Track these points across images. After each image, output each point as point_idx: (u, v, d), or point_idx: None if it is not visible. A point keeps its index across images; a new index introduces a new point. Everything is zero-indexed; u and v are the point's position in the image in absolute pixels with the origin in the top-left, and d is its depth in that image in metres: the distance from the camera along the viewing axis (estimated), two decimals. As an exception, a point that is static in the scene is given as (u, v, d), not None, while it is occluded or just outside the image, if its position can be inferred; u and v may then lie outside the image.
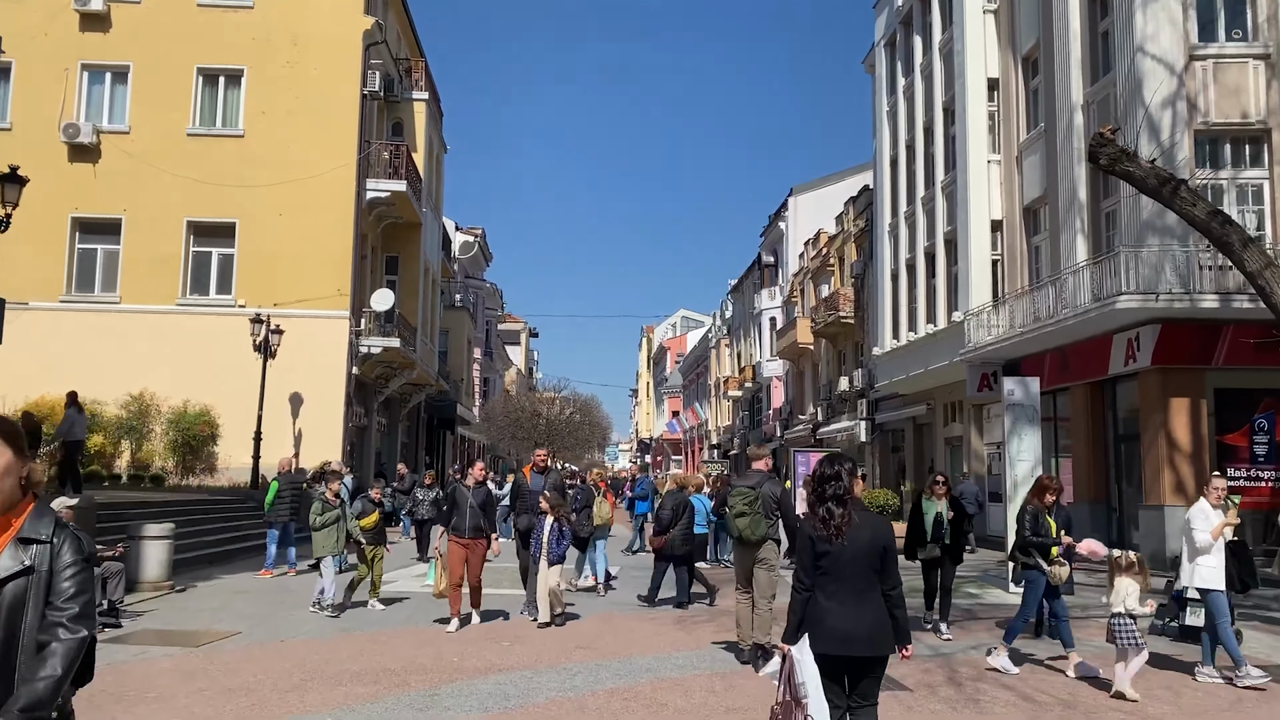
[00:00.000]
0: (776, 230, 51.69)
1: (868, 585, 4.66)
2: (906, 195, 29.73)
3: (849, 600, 4.63)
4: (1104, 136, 14.59)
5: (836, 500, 4.75)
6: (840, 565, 4.65)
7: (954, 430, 27.68)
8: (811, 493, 4.95)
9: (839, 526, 4.68)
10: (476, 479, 10.66)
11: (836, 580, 4.66)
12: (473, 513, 10.59)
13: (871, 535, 4.72)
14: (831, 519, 4.71)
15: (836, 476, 4.81)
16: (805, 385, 45.77)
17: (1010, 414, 14.64)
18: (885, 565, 4.71)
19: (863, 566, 4.66)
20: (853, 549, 4.66)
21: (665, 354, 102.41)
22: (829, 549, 4.67)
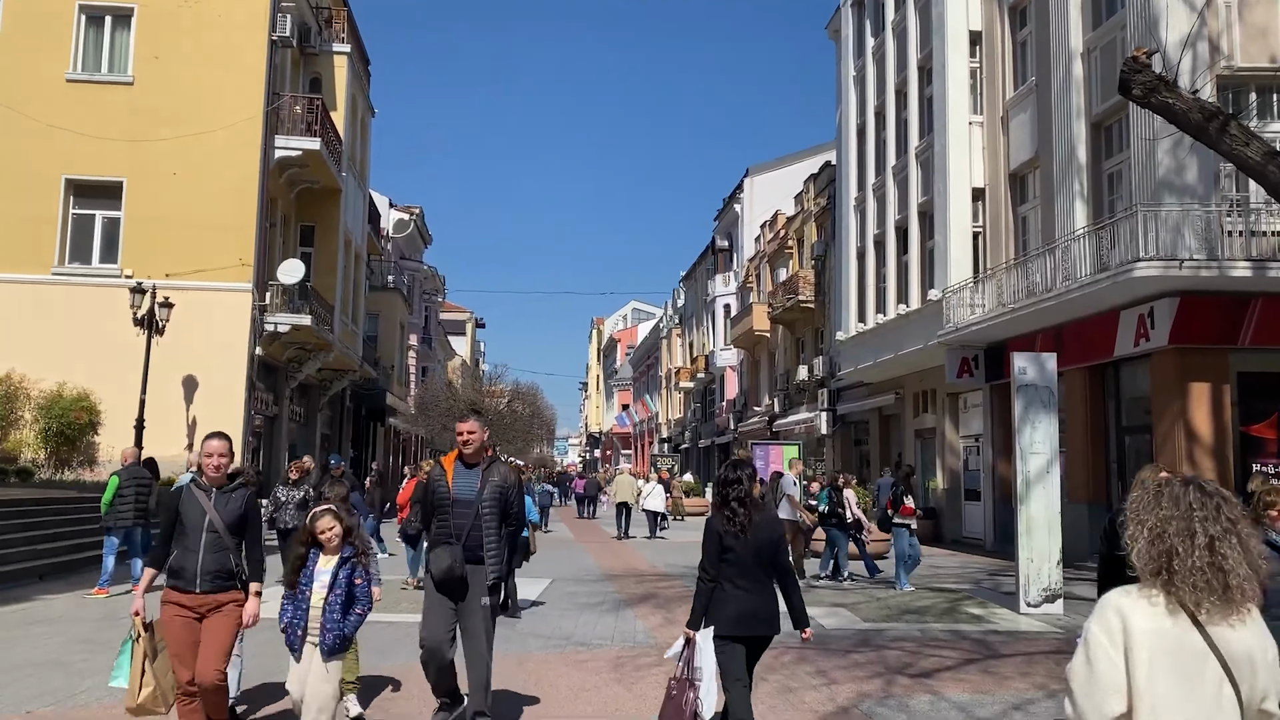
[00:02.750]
0: (731, 213, 49.18)
1: (766, 575, 5.24)
2: (875, 166, 27.30)
3: (751, 588, 5.18)
4: (1138, 61, 12.09)
5: (740, 501, 5.25)
6: (743, 557, 5.17)
7: (926, 421, 25.34)
8: (718, 493, 5.43)
9: (743, 523, 5.19)
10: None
11: (740, 571, 5.18)
12: (212, 542, 5.46)
13: (769, 531, 5.32)
14: (736, 517, 5.22)
15: (739, 480, 5.31)
16: (761, 375, 43.35)
17: (1022, 397, 12.14)
18: (778, 557, 5.31)
19: (762, 558, 5.22)
20: (754, 543, 5.20)
21: (616, 346, 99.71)
22: (733, 543, 5.18)
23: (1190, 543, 2.39)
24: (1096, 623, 2.43)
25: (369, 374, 33.37)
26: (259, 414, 24.74)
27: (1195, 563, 2.36)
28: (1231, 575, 2.36)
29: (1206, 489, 2.50)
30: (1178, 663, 2.33)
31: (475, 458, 6.15)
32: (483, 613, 6.02)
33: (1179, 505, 2.47)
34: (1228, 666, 2.34)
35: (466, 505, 6.01)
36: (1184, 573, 2.37)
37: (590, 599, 12.87)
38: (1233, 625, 2.36)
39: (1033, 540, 11.94)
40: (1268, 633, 2.41)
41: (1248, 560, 2.39)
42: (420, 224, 47.87)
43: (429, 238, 50.63)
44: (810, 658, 8.90)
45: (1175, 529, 2.43)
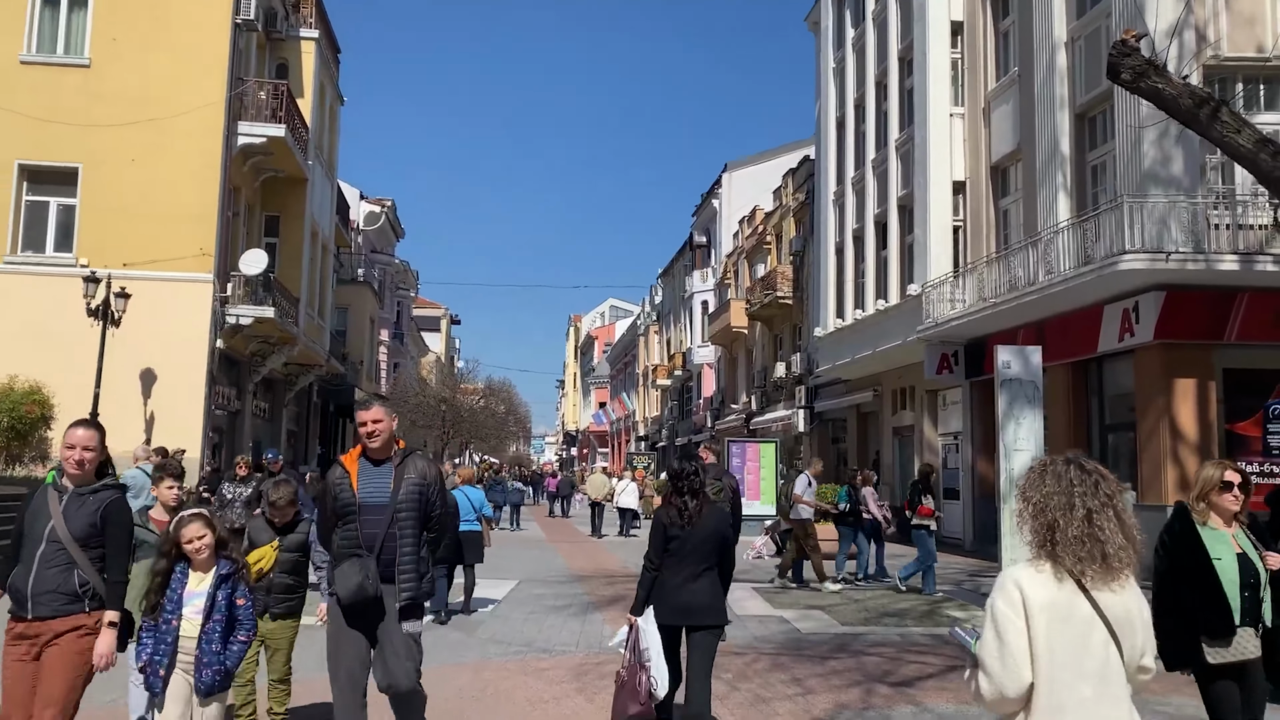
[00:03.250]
0: (709, 209, 48.70)
1: (708, 566, 5.41)
2: (855, 159, 26.86)
3: (692, 578, 5.35)
4: (1127, 45, 11.66)
5: (690, 493, 5.47)
6: (687, 549, 5.37)
7: (904, 419, 24.95)
8: (669, 486, 5.63)
9: (691, 516, 5.39)
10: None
11: (682, 561, 5.37)
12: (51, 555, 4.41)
13: (715, 524, 5.47)
14: (686, 509, 5.42)
15: (692, 473, 5.53)
16: (738, 372, 42.91)
17: (1006, 392, 11.69)
18: (725, 550, 5.57)
19: (706, 550, 5.41)
20: (699, 535, 5.40)
21: (593, 343, 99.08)
22: (679, 534, 5.39)
23: (1070, 515, 2.62)
24: (1001, 598, 2.62)
25: (336, 369, 32.63)
26: (221, 409, 24.01)
27: (1074, 533, 2.58)
28: (1108, 544, 2.60)
29: (1086, 467, 2.73)
30: (1069, 628, 2.56)
31: (384, 452, 5.02)
32: (405, 643, 4.85)
33: (1060, 482, 2.70)
34: (1112, 628, 2.58)
35: (377, 511, 4.87)
36: (1065, 543, 2.61)
37: (557, 601, 12.33)
38: (1114, 590, 2.60)
39: (1016, 541, 11.47)
40: (1142, 596, 2.66)
41: (1123, 531, 2.62)
42: (392, 217, 47.08)
43: (401, 231, 49.84)
44: (785, 665, 8.40)
45: (1056, 503, 2.66)
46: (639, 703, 5.27)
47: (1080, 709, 2.55)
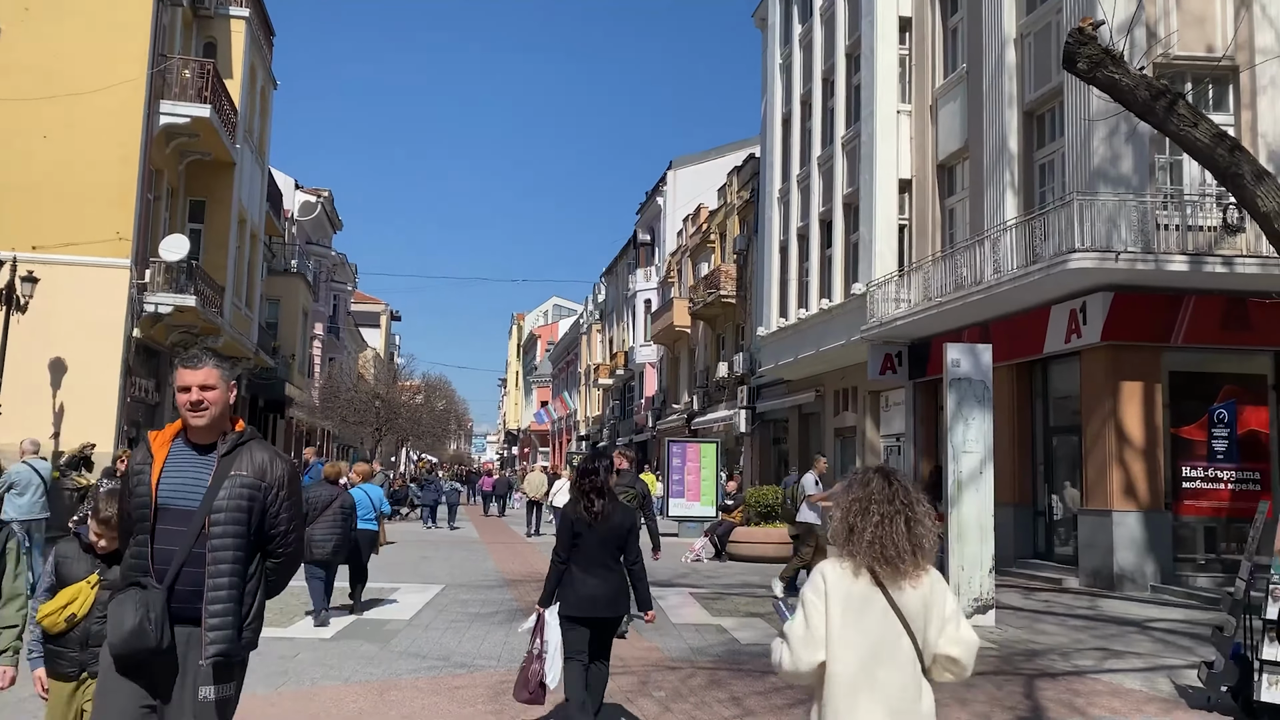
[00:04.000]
0: (654, 206, 48.17)
1: (614, 561, 5.75)
2: (800, 156, 26.49)
3: (598, 572, 5.66)
4: (1084, 33, 11.30)
5: (595, 491, 5.75)
6: (592, 544, 5.67)
7: (846, 420, 24.61)
8: (576, 484, 5.93)
9: (596, 512, 5.68)
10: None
11: (588, 556, 5.66)
12: None
13: (619, 520, 5.79)
14: (592, 506, 5.70)
15: (596, 472, 5.81)
16: (681, 372, 42.43)
17: (955, 392, 11.25)
18: (629, 544, 5.83)
19: (611, 546, 5.73)
20: (604, 531, 5.70)
21: (536, 342, 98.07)
22: (584, 531, 5.67)
23: (865, 520, 2.93)
24: (809, 587, 2.94)
25: (265, 362, 31.39)
26: (137, 401, 22.81)
27: (868, 537, 2.90)
28: (895, 548, 2.89)
29: (891, 479, 3.02)
30: (864, 617, 2.87)
31: (210, 435, 3.46)
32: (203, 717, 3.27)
33: (865, 490, 3.00)
34: (904, 619, 2.87)
35: (179, 519, 3.30)
36: (858, 544, 2.92)
37: (483, 608, 11.62)
38: (908, 587, 2.89)
39: (964, 546, 11.05)
40: (945, 590, 2.95)
41: (910, 538, 2.91)
42: (329, 208, 45.75)
43: (339, 223, 48.49)
44: (724, 681, 7.81)
45: (857, 509, 2.96)
46: (528, 690, 5.61)
47: (871, 689, 2.85)
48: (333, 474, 10.71)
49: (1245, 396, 14.96)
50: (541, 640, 5.63)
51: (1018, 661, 8.93)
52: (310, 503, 9.98)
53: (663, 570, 15.22)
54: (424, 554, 18.60)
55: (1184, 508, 14.78)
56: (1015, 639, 10.16)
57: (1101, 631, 10.76)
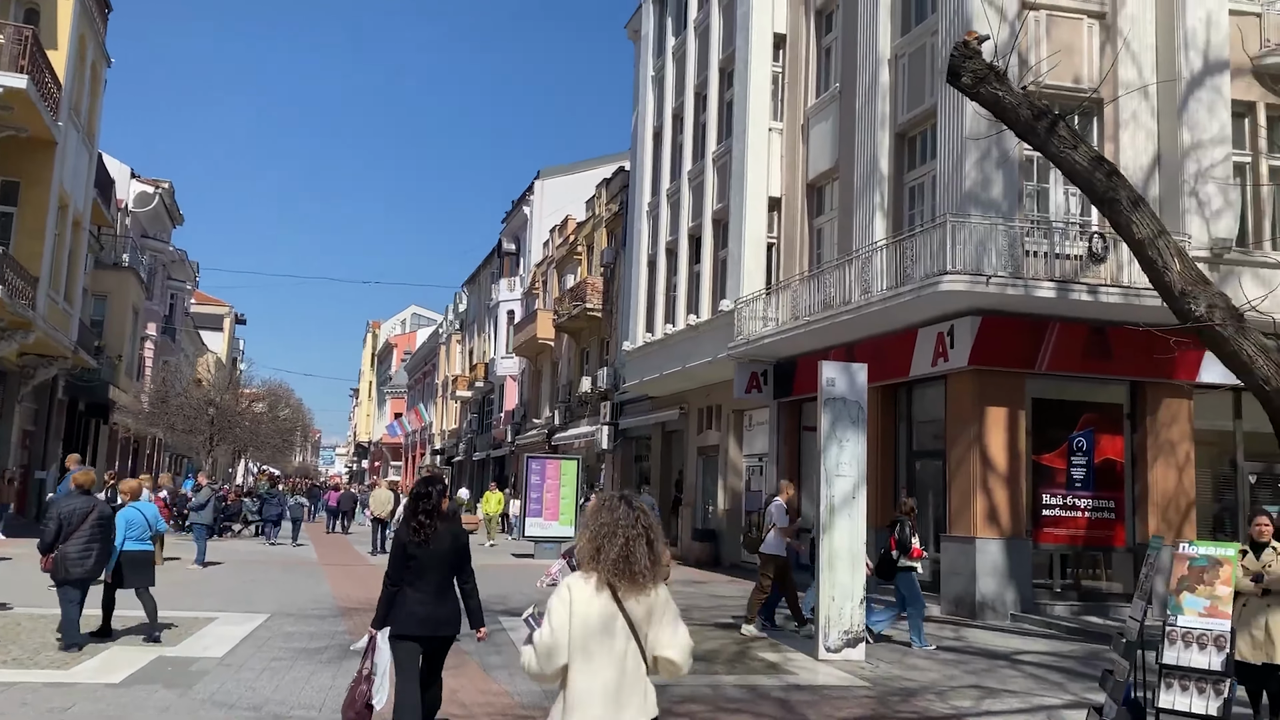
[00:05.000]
0: (520, 216, 47.06)
1: (447, 581, 5.85)
2: (671, 170, 26.01)
3: (432, 592, 5.76)
4: (969, 47, 11.05)
5: (428, 514, 5.80)
6: (426, 565, 5.75)
7: (709, 439, 24.14)
8: (410, 505, 5.93)
9: (429, 534, 5.76)
10: None
11: (422, 577, 5.74)
12: None
13: (452, 541, 5.88)
14: (424, 528, 5.76)
15: (429, 495, 5.85)
16: (543, 386, 41.39)
17: (829, 411, 10.73)
18: (463, 565, 5.93)
19: (444, 566, 5.81)
20: (438, 552, 5.78)
21: (392, 351, 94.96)
22: (417, 552, 5.73)
23: (612, 541, 3.37)
24: (556, 597, 3.38)
25: (86, 363, 28.70)
26: (-75, 402, 20.25)
27: (614, 555, 3.35)
28: (637, 566, 3.35)
29: (633, 504, 3.50)
30: (600, 624, 3.33)
31: None
32: None
33: (612, 515, 3.45)
34: (634, 627, 3.35)
35: None
36: (604, 562, 3.37)
37: (311, 642, 10.35)
38: (638, 600, 3.36)
39: (834, 575, 10.52)
40: (667, 600, 3.42)
41: (650, 556, 3.39)
42: (169, 200, 42.71)
43: (179, 217, 45.36)
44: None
45: (604, 532, 3.41)
46: (354, 710, 5.60)
47: (604, 687, 3.26)
48: (86, 482, 9.66)
49: (1102, 425, 15.11)
50: (372, 661, 5.65)
51: (894, 703, 8.37)
52: (64, 516, 9.06)
53: (516, 596, 14.20)
54: (250, 576, 16.98)
55: (1043, 535, 14.78)
56: (888, 675, 9.64)
57: (973, 666, 10.38)
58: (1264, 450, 15.74)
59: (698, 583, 18.51)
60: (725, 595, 16.63)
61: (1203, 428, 15.25)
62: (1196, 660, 6.20)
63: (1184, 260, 10.48)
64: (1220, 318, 10.17)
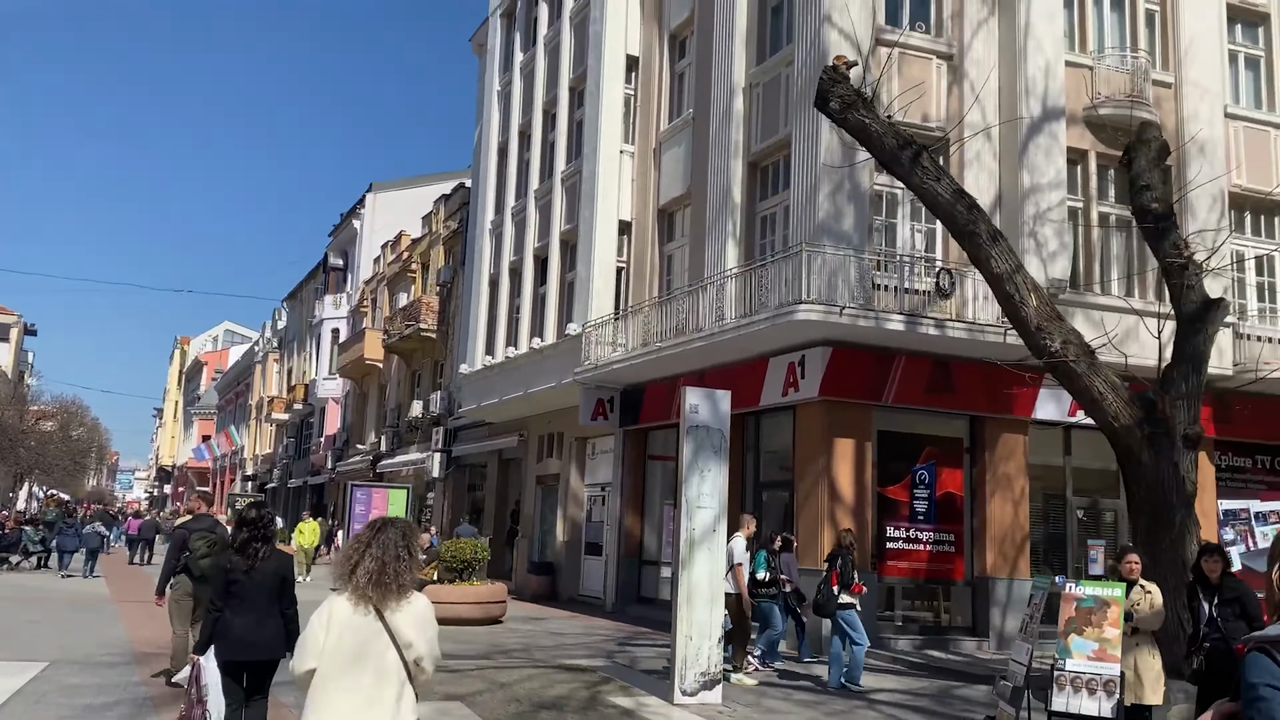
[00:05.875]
0: (350, 229, 45.02)
1: (270, 606, 6.01)
2: (517, 188, 25.26)
3: (254, 616, 5.92)
4: (838, 71, 10.93)
5: (256, 539, 6.09)
6: (249, 590, 5.96)
7: (550, 467, 23.36)
8: (235, 534, 6.26)
9: (256, 561, 6.01)
10: None
11: (245, 601, 5.94)
12: None
13: (276, 567, 6.12)
14: (248, 555, 6.02)
15: (258, 520, 6.18)
16: (369, 409, 39.48)
17: (692, 440, 10.22)
18: (285, 591, 6.11)
19: (267, 591, 6.01)
20: (260, 578, 6.01)
21: (202, 369, 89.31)
22: (240, 578, 5.97)
23: (361, 559, 3.79)
24: (316, 613, 3.80)
25: None
26: None
27: (371, 568, 3.76)
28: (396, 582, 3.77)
29: (396, 525, 3.95)
30: (359, 634, 3.72)
31: None
32: None
33: (372, 534, 3.88)
34: (392, 636, 3.72)
35: None
36: (359, 577, 3.76)
37: (98, 696, 8.92)
38: (393, 610, 3.75)
39: (693, 612, 9.96)
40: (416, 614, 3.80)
41: (393, 574, 3.77)
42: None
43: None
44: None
45: (358, 550, 3.84)
46: None
47: (359, 691, 3.69)
48: None
49: (944, 458, 15.33)
50: (200, 685, 5.81)
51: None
52: None
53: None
54: (29, 616, 14.94)
55: (886, 568, 14.79)
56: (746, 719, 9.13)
57: (830, 707, 10.03)
58: (1090, 485, 16.46)
59: (536, 619, 17.65)
60: (566, 633, 15.86)
61: (1036, 462, 15.71)
62: (1086, 706, 5.96)
63: (1040, 296, 10.69)
64: (1074, 354, 10.42)
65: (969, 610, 15.20)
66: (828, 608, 11.11)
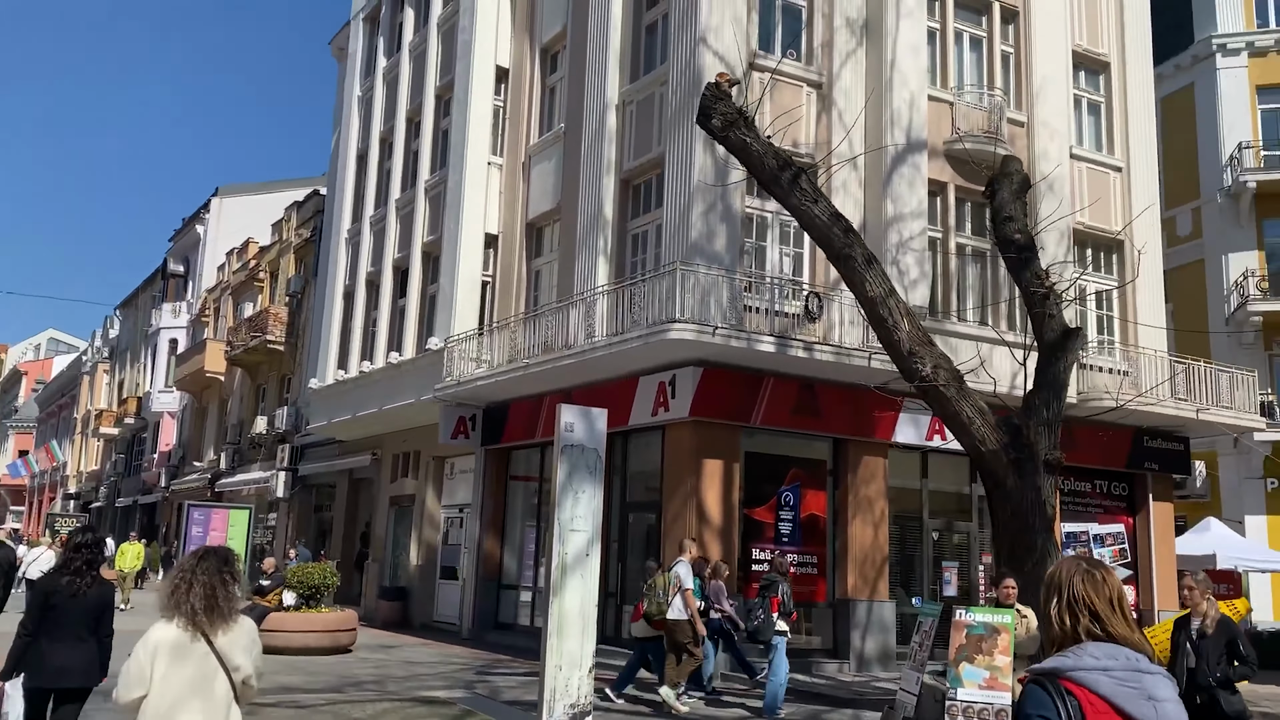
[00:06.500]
0: (192, 235, 42.61)
1: (88, 632, 5.88)
2: (376, 198, 24.32)
3: (71, 643, 5.79)
4: (720, 89, 10.83)
5: (86, 564, 5.95)
6: (69, 615, 5.81)
7: (405, 487, 22.45)
8: (69, 555, 6.08)
9: (81, 586, 5.84)
10: None
11: (61, 627, 5.78)
12: None
13: (98, 594, 5.99)
14: (76, 580, 5.88)
15: (88, 545, 6.05)
16: (208, 425, 37.29)
17: (566, 459, 9.80)
18: (105, 617, 6.00)
19: (86, 618, 5.87)
20: (82, 603, 5.86)
21: (21, 379, 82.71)
22: (60, 603, 5.80)
23: (189, 586, 3.97)
24: (141, 641, 3.94)
25: None
26: None
27: (191, 598, 3.93)
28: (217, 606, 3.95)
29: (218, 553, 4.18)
30: (185, 658, 3.86)
31: None
32: None
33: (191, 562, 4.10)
34: (220, 658, 3.88)
35: None
36: (184, 605, 3.92)
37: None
38: (221, 633, 3.91)
39: (563, 643, 9.51)
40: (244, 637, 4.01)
41: (221, 600, 3.98)
42: None
43: None
44: None
45: (183, 579, 4.01)
46: None
47: (190, 715, 3.82)
48: None
49: (808, 480, 15.43)
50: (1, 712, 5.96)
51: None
52: None
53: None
54: None
55: (751, 591, 14.67)
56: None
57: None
58: (944, 508, 16.92)
59: (388, 647, 16.80)
60: (421, 661, 15.12)
61: (894, 485, 16.00)
62: (976, 734, 5.86)
63: (912, 321, 10.81)
64: (944, 379, 10.56)
65: (830, 632, 15.30)
66: (765, 634, 11.05)
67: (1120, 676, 2.46)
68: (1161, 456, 18.33)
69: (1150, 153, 19.13)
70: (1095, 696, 2.45)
